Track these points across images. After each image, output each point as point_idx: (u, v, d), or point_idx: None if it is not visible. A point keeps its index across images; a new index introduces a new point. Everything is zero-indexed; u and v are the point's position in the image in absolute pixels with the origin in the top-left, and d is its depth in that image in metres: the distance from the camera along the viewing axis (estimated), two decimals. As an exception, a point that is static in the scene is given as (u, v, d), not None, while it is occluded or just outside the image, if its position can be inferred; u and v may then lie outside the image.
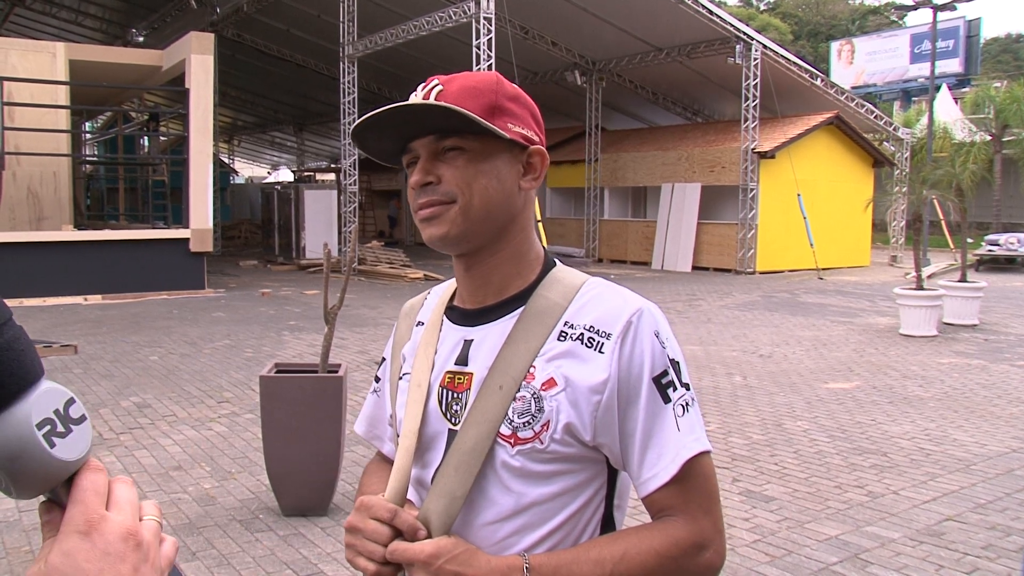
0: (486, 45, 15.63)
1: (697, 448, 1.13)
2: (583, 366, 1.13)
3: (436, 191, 1.17)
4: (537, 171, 1.23)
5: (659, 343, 1.15)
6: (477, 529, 1.16)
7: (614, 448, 1.15)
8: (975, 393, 7.90)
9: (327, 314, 4.83)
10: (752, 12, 56.53)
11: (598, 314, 1.16)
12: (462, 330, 1.24)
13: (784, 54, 20.62)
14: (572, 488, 1.16)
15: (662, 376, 1.14)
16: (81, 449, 0.63)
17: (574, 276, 1.24)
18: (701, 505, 1.14)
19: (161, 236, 15.93)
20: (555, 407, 1.13)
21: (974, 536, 4.44)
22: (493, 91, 1.18)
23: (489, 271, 1.22)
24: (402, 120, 1.17)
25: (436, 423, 1.21)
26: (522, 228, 1.24)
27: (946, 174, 12.48)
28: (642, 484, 1.14)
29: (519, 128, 1.20)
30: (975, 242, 22.88)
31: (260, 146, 49.37)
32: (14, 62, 15.81)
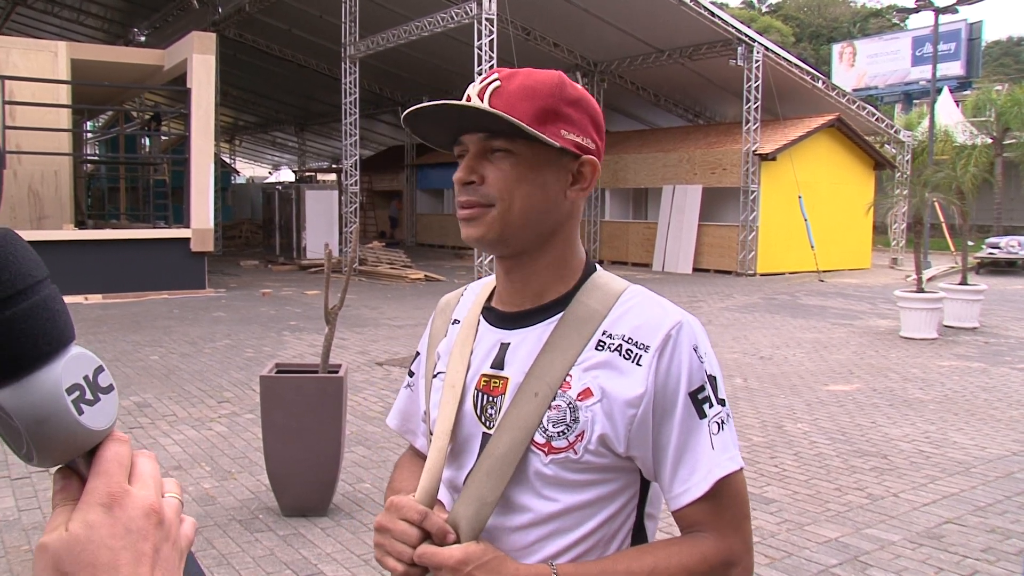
0: (488, 46, 15.63)
1: (730, 467, 1.13)
2: (620, 378, 1.12)
3: (477, 192, 1.16)
4: (586, 181, 1.20)
5: (697, 358, 1.14)
6: (506, 532, 1.16)
7: (647, 460, 1.14)
8: (975, 396, 7.90)
9: (328, 314, 4.83)
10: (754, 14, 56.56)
11: (637, 325, 1.15)
12: (499, 332, 1.23)
13: (786, 56, 20.62)
14: (604, 496, 1.16)
15: (699, 392, 1.13)
16: (108, 419, 0.61)
17: (614, 283, 1.23)
18: (731, 522, 1.14)
19: (162, 236, 15.93)
20: (590, 418, 1.12)
21: (974, 539, 4.43)
22: (552, 94, 1.16)
23: (529, 276, 1.21)
24: (455, 114, 1.16)
25: (470, 426, 1.20)
26: (566, 236, 1.22)
27: (947, 177, 12.50)
28: (673, 498, 1.13)
29: (573, 135, 1.17)
30: (976, 245, 22.87)
31: (261, 146, 49.39)
32: (16, 61, 15.81)
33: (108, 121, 27.76)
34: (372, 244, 23.24)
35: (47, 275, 0.60)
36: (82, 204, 20.76)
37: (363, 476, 5.46)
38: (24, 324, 0.57)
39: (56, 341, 0.60)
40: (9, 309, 0.57)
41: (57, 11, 27.67)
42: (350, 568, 4.06)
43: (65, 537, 0.57)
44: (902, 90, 37.81)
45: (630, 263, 22.93)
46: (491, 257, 6.08)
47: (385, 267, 19.86)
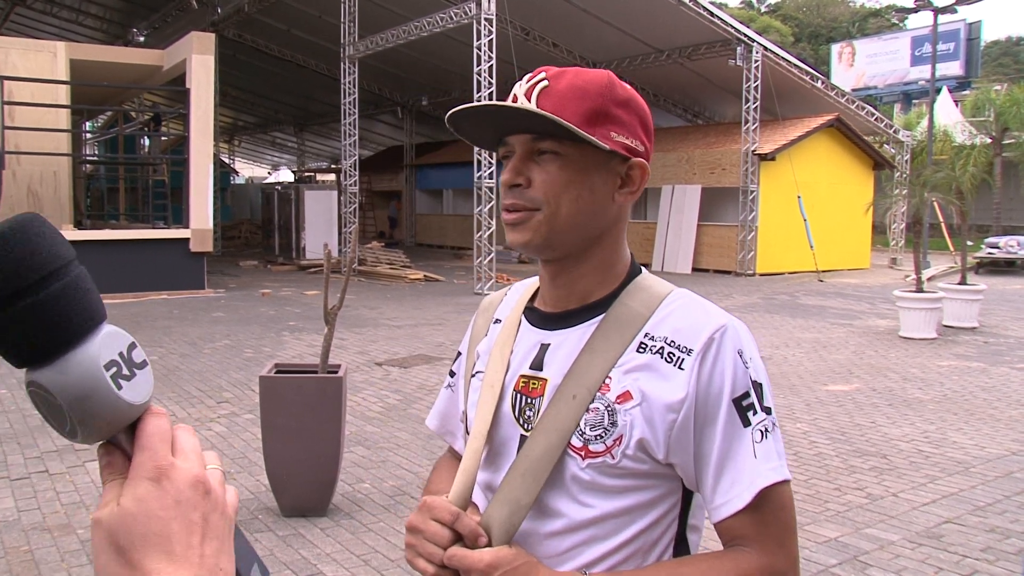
0: (487, 46, 15.64)
1: (774, 477, 1.08)
2: (661, 382, 1.09)
3: (523, 195, 1.13)
4: (635, 184, 1.18)
5: (742, 363, 1.10)
6: (541, 538, 1.13)
7: (688, 468, 1.10)
8: (974, 396, 7.90)
9: (327, 315, 4.83)
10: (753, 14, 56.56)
11: (680, 327, 1.12)
12: (540, 333, 1.20)
13: (785, 56, 20.62)
14: (643, 504, 1.12)
15: (743, 398, 1.09)
16: (145, 394, 0.63)
17: (659, 285, 1.20)
18: (775, 537, 1.09)
19: (161, 236, 15.93)
20: (629, 422, 1.09)
21: (973, 538, 4.44)
22: (602, 94, 1.13)
23: (573, 279, 1.19)
24: (501, 115, 1.13)
25: (508, 427, 1.18)
26: (613, 240, 1.20)
27: (946, 177, 12.50)
28: (715, 509, 1.09)
29: (622, 137, 1.14)
30: (975, 245, 22.88)
31: (261, 146, 49.37)
32: (15, 61, 15.81)
33: (107, 121, 27.76)
34: (371, 244, 23.25)
35: (75, 256, 0.61)
36: (81, 204, 20.75)
37: (362, 476, 5.46)
38: (59, 304, 0.59)
39: (90, 319, 0.61)
40: (44, 290, 0.58)
41: (56, 11, 27.65)
42: (350, 568, 4.06)
43: (117, 512, 0.59)
44: (901, 90, 37.84)
45: (629, 263, 22.92)
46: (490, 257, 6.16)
47: (384, 267, 19.86)
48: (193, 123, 15.66)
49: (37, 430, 6.44)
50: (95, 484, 5.22)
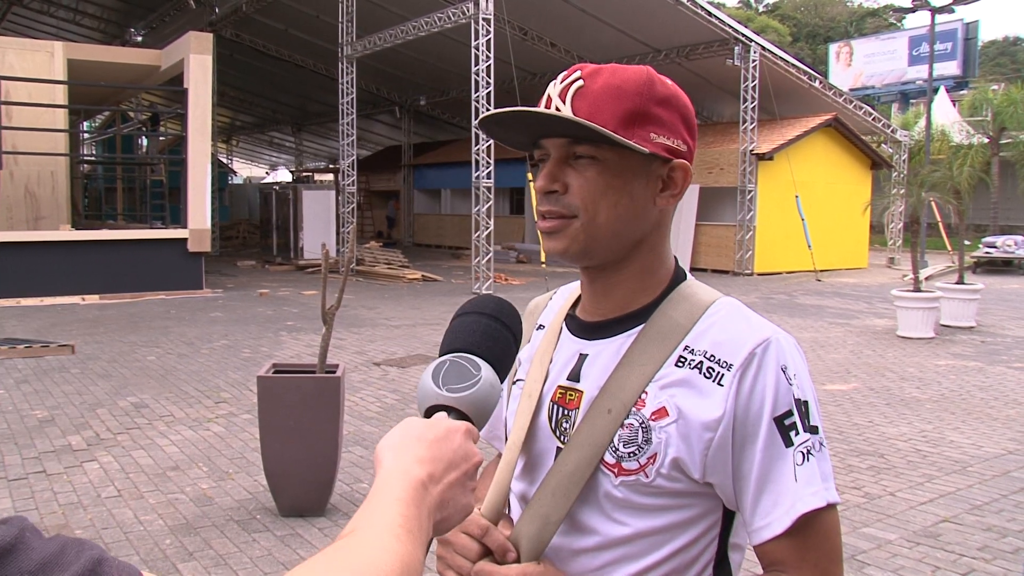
0: (485, 46, 15.63)
1: (815, 503, 1.01)
2: (699, 398, 1.04)
3: (560, 201, 1.09)
4: (678, 187, 1.12)
5: (785, 379, 1.04)
6: (572, 554, 1.10)
7: (727, 488, 1.06)
8: (972, 395, 7.91)
9: (325, 314, 4.83)
10: (751, 14, 56.57)
11: (721, 340, 1.06)
12: (579, 342, 1.17)
13: (782, 56, 20.63)
14: (680, 523, 1.08)
15: (785, 417, 1.03)
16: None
17: (704, 293, 1.14)
18: (817, 565, 1.04)
19: (159, 236, 15.91)
20: (664, 440, 1.05)
21: (970, 538, 4.44)
22: (640, 93, 1.07)
23: (612, 286, 1.14)
24: (534, 118, 1.08)
25: (545, 439, 1.14)
26: (653, 246, 1.14)
27: (944, 176, 12.50)
28: (754, 532, 1.05)
29: (662, 138, 1.08)
30: (972, 244, 22.90)
31: (258, 146, 49.32)
32: (12, 61, 15.79)
33: (105, 121, 27.73)
34: (369, 244, 23.25)
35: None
36: (79, 204, 20.74)
37: (360, 476, 5.46)
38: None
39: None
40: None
41: (53, 11, 27.60)
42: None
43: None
44: (899, 90, 37.85)
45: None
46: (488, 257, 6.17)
47: (382, 267, 19.86)
48: (191, 123, 15.66)
49: (35, 431, 6.44)
50: (92, 484, 5.22)
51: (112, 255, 15.11)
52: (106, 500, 4.95)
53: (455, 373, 0.97)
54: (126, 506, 4.86)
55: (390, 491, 0.80)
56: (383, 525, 0.76)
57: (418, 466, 0.83)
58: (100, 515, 4.71)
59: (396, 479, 0.82)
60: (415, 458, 0.84)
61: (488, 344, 1.01)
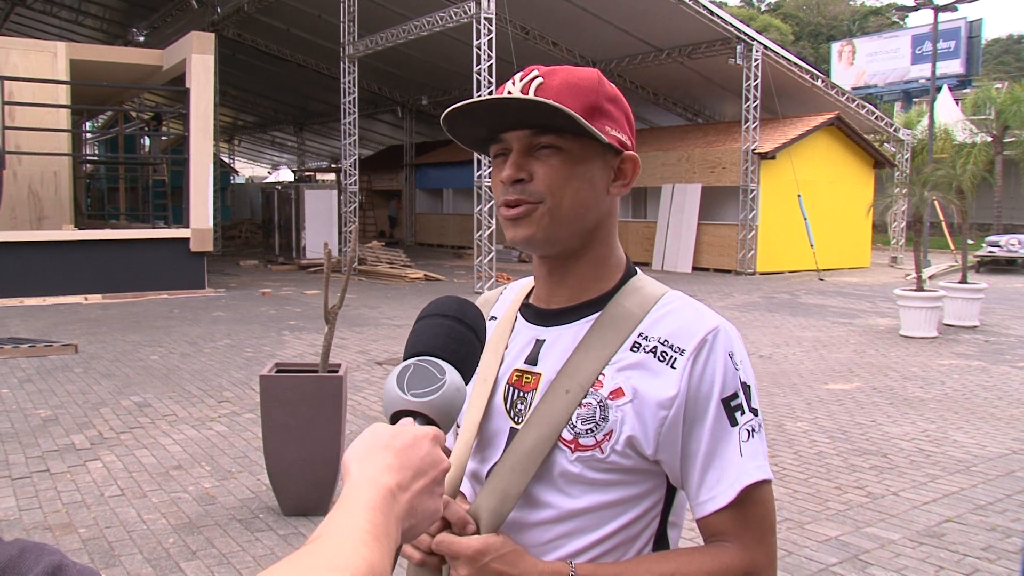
0: (486, 45, 15.63)
1: (758, 476, 1.11)
2: (653, 379, 1.12)
3: (526, 190, 1.14)
4: (627, 177, 1.20)
5: (732, 364, 1.13)
6: (527, 527, 1.15)
7: (674, 465, 1.13)
8: (975, 394, 7.90)
9: (327, 314, 4.83)
10: (753, 13, 56.55)
11: (674, 328, 1.14)
12: (535, 329, 1.23)
13: (785, 55, 20.61)
14: (628, 499, 1.14)
15: (732, 398, 1.12)
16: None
17: (654, 287, 1.22)
18: (756, 534, 1.12)
19: (161, 236, 15.92)
20: (620, 418, 1.11)
21: (974, 537, 4.44)
22: (595, 90, 1.14)
23: (569, 274, 1.21)
24: (500, 111, 1.14)
25: (499, 420, 1.20)
26: (607, 233, 1.22)
27: (947, 175, 12.49)
28: (699, 505, 1.12)
29: (615, 132, 1.16)
30: (976, 243, 22.88)
31: (260, 146, 49.36)
32: (15, 61, 15.81)
33: (107, 121, 27.76)
34: (371, 244, 23.24)
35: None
36: (82, 204, 20.76)
37: (363, 476, 5.45)
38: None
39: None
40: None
41: (56, 11, 27.64)
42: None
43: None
44: (901, 88, 37.81)
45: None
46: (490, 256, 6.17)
47: (384, 266, 19.86)
48: (193, 123, 15.67)
49: (38, 430, 6.45)
50: (96, 483, 5.22)
51: (115, 255, 15.13)
52: (109, 499, 4.95)
53: (419, 377, 0.97)
54: (129, 505, 4.86)
55: (359, 498, 0.81)
56: (351, 531, 0.77)
57: (387, 474, 0.85)
58: (103, 514, 4.71)
59: (365, 487, 0.83)
60: (384, 466, 0.85)
61: (452, 346, 1.02)
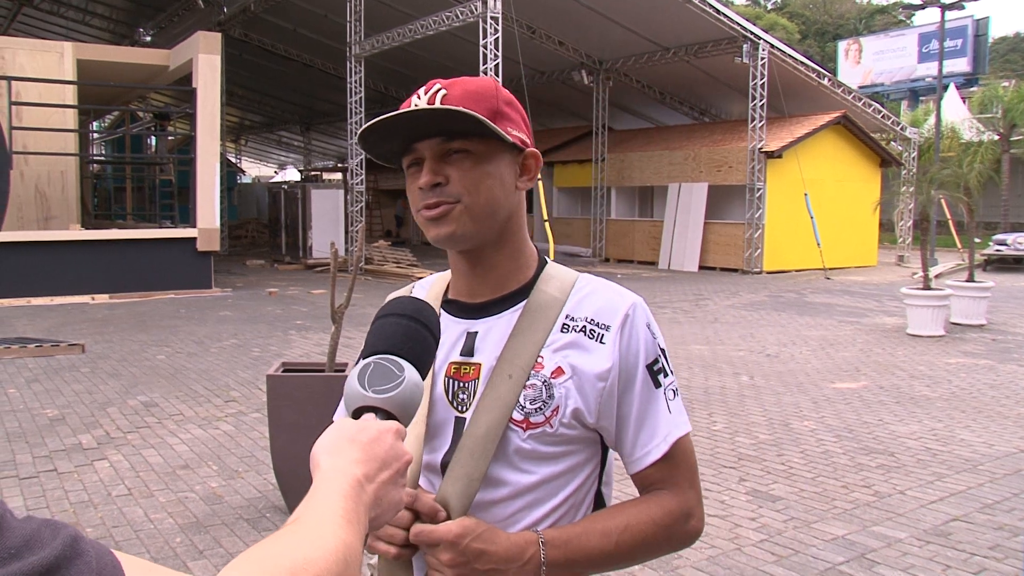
0: (493, 44, 15.63)
1: (685, 429, 1.27)
2: (588, 356, 1.23)
3: (444, 192, 1.22)
4: (531, 172, 1.31)
5: (651, 334, 1.27)
6: (488, 506, 1.23)
7: (611, 429, 1.26)
8: (983, 393, 7.88)
9: (334, 313, 4.84)
10: (759, 11, 56.45)
11: (597, 307, 1.27)
12: (464, 323, 1.31)
13: (791, 53, 20.57)
14: (574, 467, 1.26)
15: (654, 363, 1.26)
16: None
17: (567, 272, 1.34)
18: (686, 479, 1.28)
19: (168, 235, 15.96)
20: (564, 394, 1.22)
21: (981, 536, 4.42)
22: (494, 96, 1.25)
23: (491, 267, 1.30)
24: (411, 123, 1.22)
25: (443, 411, 1.28)
26: (518, 226, 1.32)
27: (954, 174, 12.45)
28: (635, 461, 1.26)
29: (516, 132, 1.26)
30: (983, 242, 22.80)
31: (267, 146, 49.41)
32: (22, 62, 15.87)
33: (114, 121, 27.84)
34: (378, 243, 23.25)
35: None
36: (88, 204, 20.81)
37: (370, 475, 5.46)
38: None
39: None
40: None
41: (63, 12, 27.71)
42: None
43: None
44: (908, 87, 37.68)
45: (636, 261, 22.92)
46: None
47: (391, 266, 19.88)
48: (199, 122, 15.70)
49: (45, 429, 6.47)
50: (103, 483, 5.24)
51: (121, 255, 15.17)
52: (116, 498, 4.97)
53: (379, 375, 1.03)
54: (136, 504, 4.88)
55: (331, 487, 0.87)
56: (327, 513, 0.83)
57: (354, 466, 0.91)
58: (111, 513, 4.73)
59: (335, 477, 0.89)
60: (351, 459, 0.92)
61: (409, 345, 1.08)
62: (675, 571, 3.98)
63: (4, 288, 13.89)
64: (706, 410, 7.18)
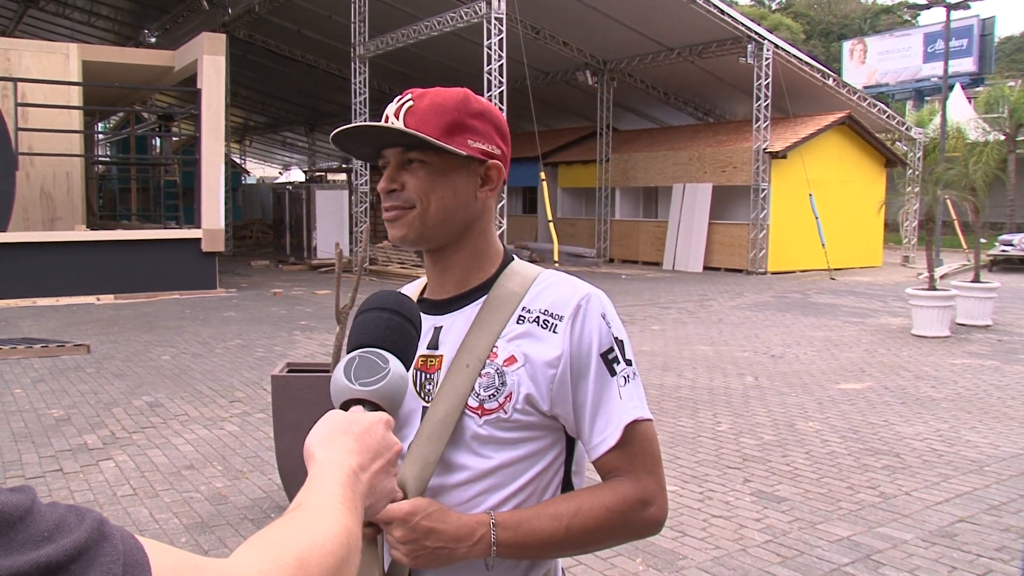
0: (497, 45, 15.63)
1: (636, 414, 1.28)
2: (539, 344, 1.28)
3: (399, 197, 1.31)
4: (493, 183, 1.35)
5: (605, 324, 1.30)
6: (449, 490, 1.29)
7: (568, 418, 1.29)
8: (988, 394, 7.85)
9: (339, 314, 4.85)
10: (764, 11, 56.37)
11: (552, 300, 1.31)
12: (432, 319, 1.36)
13: (796, 54, 20.55)
14: (534, 453, 1.30)
15: (608, 352, 1.29)
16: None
17: (530, 268, 1.39)
18: (645, 466, 1.29)
19: (173, 236, 15.99)
20: (516, 380, 1.27)
21: (987, 538, 4.41)
22: (457, 109, 1.30)
23: (450, 265, 1.37)
24: (377, 133, 1.33)
25: (411, 402, 1.32)
26: (481, 231, 1.37)
27: (959, 174, 12.42)
28: (592, 448, 1.28)
29: (479, 143, 1.31)
30: (988, 242, 22.74)
31: (272, 146, 49.50)
32: (28, 63, 15.91)
33: (119, 122, 27.90)
34: (382, 244, 23.27)
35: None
36: (94, 205, 20.86)
37: (374, 475, 5.46)
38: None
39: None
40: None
41: (68, 13, 27.79)
42: (361, 567, 4.06)
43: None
44: (913, 87, 37.58)
45: (640, 262, 22.90)
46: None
47: (396, 266, 19.89)
48: (204, 123, 15.73)
49: (51, 429, 6.48)
50: (109, 483, 5.25)
51: (126, 255, 15.20)
52: (122, 498, 4.98)
53: (365, 368, 1.07)
54: (142, 505, 4.88)
55: (328, 476, 0.91)
56: (327, 500, 0.87)
57: (349, 456, 0.95)
58: (116, 513, 4.73)
59: (332, 467, 0.92)
60: (346, 450, 0.96)
61: (392, 338, 1.12)
62: (679, 571, 3.97)
63: (10, 289, 13.92)
64: (711, 411, 7.17)
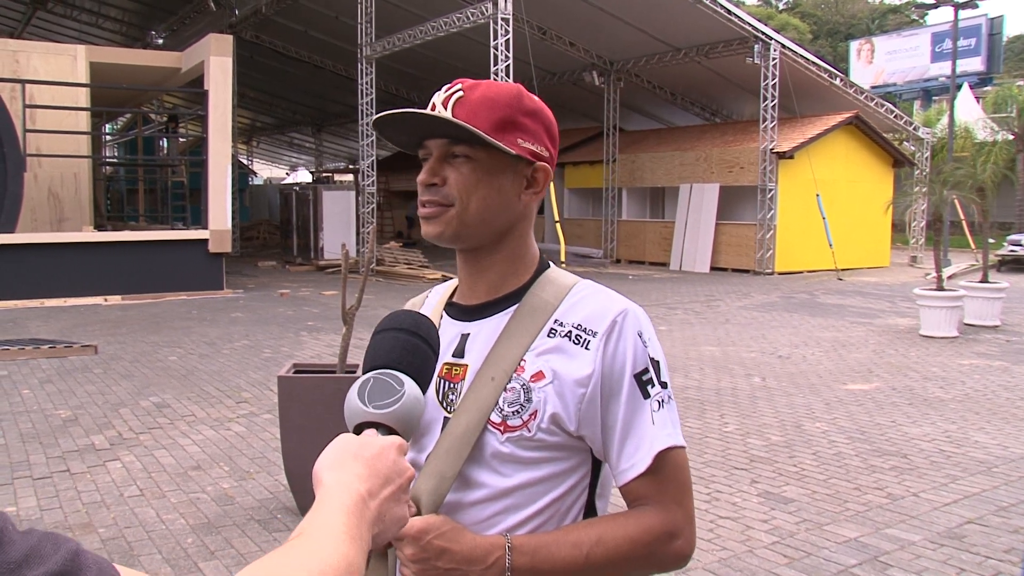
0: (503, 46, 15.63)
1: (669, 442, 1.21)
2: (570, 361, 1.21)
3: (439, 192, 1.24)
4: (539, 186, 1.29)
5: (641, 343, 1.23)
6: (466, 507, 1.23)
7: (596, 439, 1.23)
8: (997, 395, 7.82)
9: (345, 314, 4.85)
10: (771, 11, 56.28)
11: (586, 313, 1.24)
12: (460, 324, 1.32)
13: (803, 54, 20.49)
14: (557, 474, 1.23)
15: (643, 374, 1.22)
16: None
17: (566, 277, 1.32)
18: (674, 496, 1.23)
19: (180, 237, 16.03)
20: (543, 398, 1.21)
21: (996, 539, 4.39)
22: (510, 105, 1.24)
23: (485, 269, 1.31)
24: (422, 121, 1.24)
25: (432, 411, 1.27)
26: (520, 234, 1.31)
27: (967, 174, 12.37)
28: (620, 474, 1.22)
29: (528, 143, 1.25)
30: (997, 242, 22.65)
31: (278, 147, 49.57)
32: (36, 64, 15.96)
33: (127, 123, 27.99)
34: (389, 244, 23.28)
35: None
36: (101, 206, 20.93)
37: (381, 476, 5.46)
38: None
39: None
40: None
41: (76, 15, 27.86)
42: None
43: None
44: (921, 87, 37.47)
45: (647, 262, 22.87)
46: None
47: (402, 267, 19.90)
48: (211, 124, 15.76)
49: (58, 430, 6.50)
50: (116, 484, 5.26)
51: (134, 256, 15.24)
52: (129, 499, 4.99)
53: (379, 390, 1.03)
54: (148, 505, 4.89)
55: (334, 503, 0.87)
56: (330, 529, 0.83)
57: (358, 482, 0.91)
58: (123, 514, 4.74)
59: (339, 493, 0.89)
60: (355, 475, 0.92)
61: (408, 359, 1.09)
62: (686, 572, 3.96)
63: (18, 289, 13.97)
64: (718, 411, 7.16)
